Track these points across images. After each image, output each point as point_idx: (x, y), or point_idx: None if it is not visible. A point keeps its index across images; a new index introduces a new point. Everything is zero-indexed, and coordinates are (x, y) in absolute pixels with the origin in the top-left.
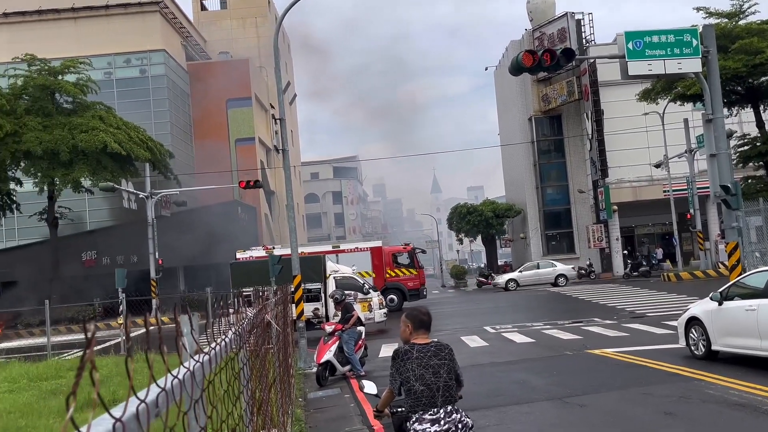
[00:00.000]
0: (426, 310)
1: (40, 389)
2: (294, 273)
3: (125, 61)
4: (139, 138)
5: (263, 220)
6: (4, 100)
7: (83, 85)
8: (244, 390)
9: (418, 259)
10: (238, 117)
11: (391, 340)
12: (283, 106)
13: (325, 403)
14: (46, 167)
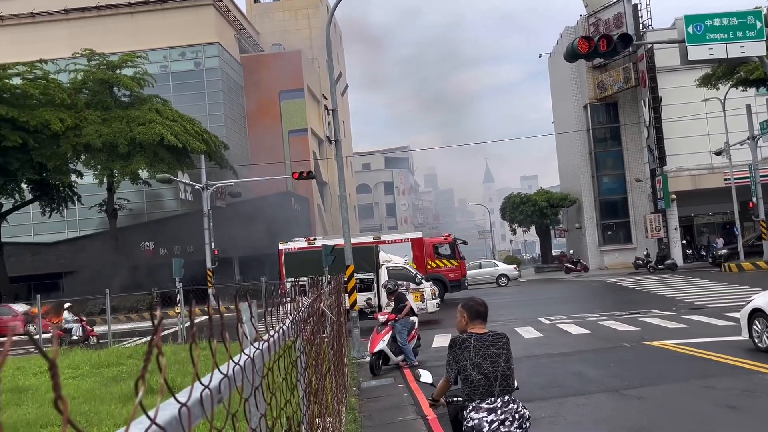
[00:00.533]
0: (481, 301)
1: (102, 376)
2: (347, 263)
3: (180, 55)
4: (194, 130)
5: (316, 211)
6: (65, 95)
7: (140, 78)
8: (301, 378)
9: (459, 250)
10: (290, 108)
11: (443, 330)
12: (336, 97)
13: (378, 393)
14: (105, 160)
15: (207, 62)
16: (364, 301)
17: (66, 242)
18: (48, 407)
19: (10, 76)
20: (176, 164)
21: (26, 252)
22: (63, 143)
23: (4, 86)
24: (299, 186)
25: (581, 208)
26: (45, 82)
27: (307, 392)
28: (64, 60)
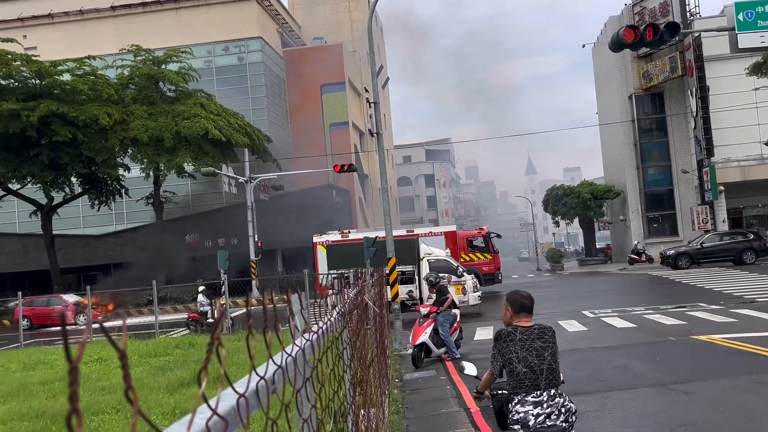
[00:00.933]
0: (527, 294)
1: (149, 365)
2: (388, 255)
3: (224, 49)
4: (238, 124)
5: (357, 204)
6: (112, 90)
7: (185, 73)
8: (347, 369)
9: (493, 243)
10: (332, 101)
11: (485, 323)
12: (377, 90)
13: (421, 385)
14: (151, 153)
15: (250, 57)
16: (405, 293)
17: (114, 234)
18: (99, 395)
19: (60, 72)
20: (220, 158)
21: (76, 244)
22: (111, 137)
23: (54, 82)
24: (341, 179)
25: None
26: (93, 78)
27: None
28: (111, 56)
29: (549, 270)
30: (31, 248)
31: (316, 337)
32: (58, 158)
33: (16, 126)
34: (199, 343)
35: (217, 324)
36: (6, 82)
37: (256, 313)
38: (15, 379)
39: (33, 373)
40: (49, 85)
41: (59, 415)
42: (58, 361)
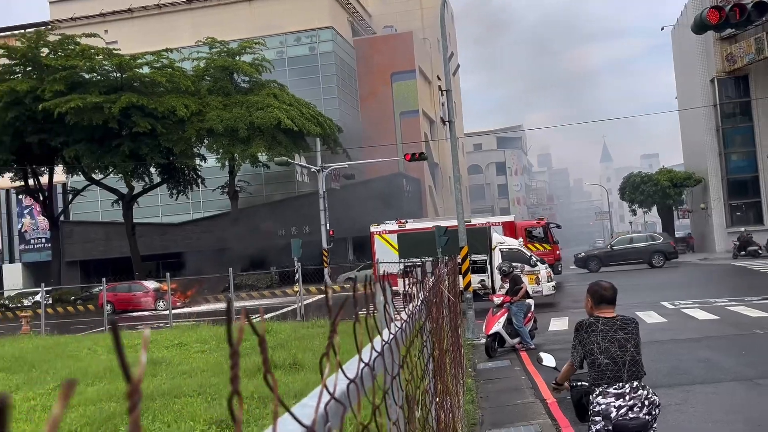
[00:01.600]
0: (608, 284)
1: (227, 351)
2: (461, 244)
3: (296, 40)
4: (309, 114)
5: (427, 192)
6: (189, 82)
7: (258, 64)
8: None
9: (552, 234)
10: (402, 90)
11: (560, 313)
12: (449, 77)
13: (495, 374)
14: (226, 144)
15: (321, 47)
16: (477, 282)
17: (191, 223)
18: (181, 379)
19: (139, 65)
20: (293, 147)
21: (155, 232)
22: (188, 128)
23: (134, 75)
24: (411, 167)
25: (707, 187)
26: (171, 70)
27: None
28: (187, 48)
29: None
30: (113, 236)
31: (405, 326)
32: (138, 149)
33: (99, 118)
34: (274, 329)
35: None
36: (89, 76)
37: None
38: (101, 362)
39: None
40: (130, 77)
41: (145, 395)
42: (141, 345)
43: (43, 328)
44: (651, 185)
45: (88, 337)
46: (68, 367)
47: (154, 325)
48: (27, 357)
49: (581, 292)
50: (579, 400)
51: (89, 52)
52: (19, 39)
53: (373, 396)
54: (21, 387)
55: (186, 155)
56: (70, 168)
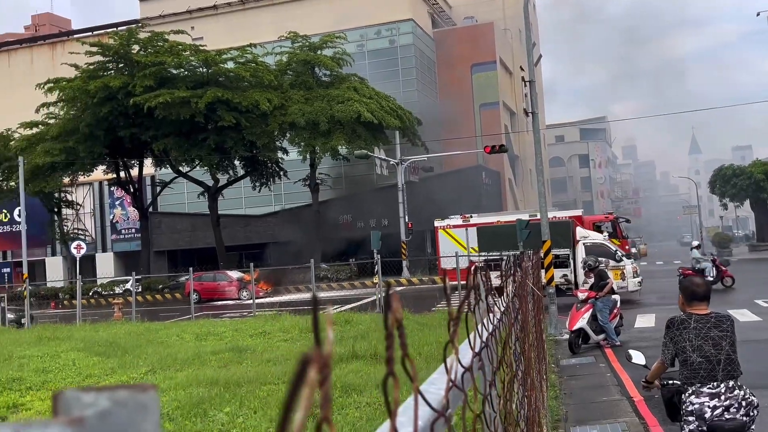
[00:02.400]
0: (700, 281)
1: (309, 340)
2: (543, 238)
3: (376, 33)
4: (389, 107)
5: (507, 185)
6: (272, 76)
7: (339, 58)
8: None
9: (621, 228)
10: (482, 81)
11: (646, 309)
12: (532, 68)
13: (578, 371)
14: (308, 137)
15: (401, 39)
16: (560, 277)
17: (273, 215)
18: (266, 366)
19: (224, 60)
20: (372, 140)
21: (238, 223)
22: (270, 122)
23: (219, 70)
24: (490, 160)
25: None
26: (254, 65)
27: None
28: (270, 43)
29: (715, 256)
30: (198, 227)
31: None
32: (223, 142)
33: (186, 112)
34: (354, 320)
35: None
36: (177, 72)
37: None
38: (190, 349)
39: (205, 343)
40: (215, 73)
41: (231, 382)
42: (226, 333)
43: (134, 314)
44: (744, 178)
45: (175, 324)
46: (158, 353)
47: (237, 314)
48: (120, 342)
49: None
50: (670, 399)
51: (177, 48)
52: (112, 37)
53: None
54: (116, 370)
55: (269, 148)
56: (158, 161)
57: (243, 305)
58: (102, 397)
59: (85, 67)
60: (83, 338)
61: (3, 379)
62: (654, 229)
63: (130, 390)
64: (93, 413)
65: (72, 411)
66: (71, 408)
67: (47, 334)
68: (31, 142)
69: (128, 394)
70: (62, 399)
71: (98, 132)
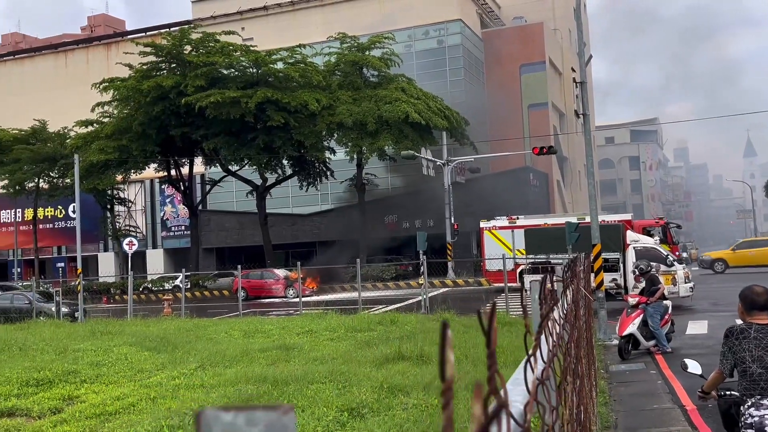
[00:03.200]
0: (762, 289)
1: (355, 339)
2: (593, 242)
3: (424, 34)
4: (437, 107)
5: (555, 187)
6: (320, 77)
7: (387, 59)
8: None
9: (672, 234)
10: (531, 82)
11: (698, 316)
12: (583, 69)
13: (628, 378)
14: (355, 137)
15: (449, 39)
16: (609, 281)
17: (319, 214)
18: (312, 365)
19: (274, 61)
20: (419, 141)
21: (285, 222)
22: (318, 122)
23: (269, 71)
24: (538, 161)
25: None
26: (303, 65)
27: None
28: (319, 44)
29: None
30: (246, 225)
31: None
32: (272, 142)
33: (236, 112)
34: (400, 321)
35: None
36: (228, 72)
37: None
38: (238, 346)
39: (253, 341)
40: (265, 73)
41: (280, 380)
42: (274, 331)
43: (183, 310)
44: None
45: (223, 321)
46: (208, 349)
47: (284, 312)
48: (170, 338)
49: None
50: (727, 410)
51: (228, 48)
52: (165, 37)
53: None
54: (166, 366)
55: (316, 148)
56: (208, 160)
57: (289, 303)
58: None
59: (139, 67)
60: (134, 333)
61: (59, 371)
62: (706, 233)
63: (268, 411)
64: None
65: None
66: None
67: (100, 329)
68: (86, 140)
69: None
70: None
71: (150, 131)
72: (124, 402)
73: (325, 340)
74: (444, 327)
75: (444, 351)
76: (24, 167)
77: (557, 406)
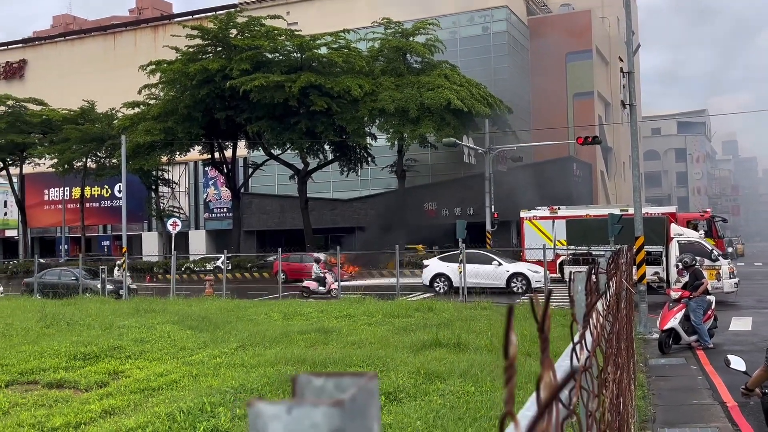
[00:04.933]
0: None
1: (393, 325)
2: (636, 234)
3: (468, 20)
4: (479, 94)
5: (598, 178)
6: (363, 62)
7: (431, 45)
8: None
9: (717, 227)
10: (576, 70)
11: (742, 312)
12: (631, 58)
13: (668, 372)
14: (396, 124)
15: (494, 26)
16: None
17: (359, 200)
18: (350, 348)
19: (318, 46)
20: (461, 128)
21: (326, 207)
22: (361, 108)
23: (313, 56)
24: (582, 151)
25: None
26: (347, 51)
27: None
28: (363, 29)
29: None
30: (287, 209)
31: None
32: (314, 127)
33: (280, 96)
34: (438, 308)
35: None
36: (272, 56)
37: None
38: (278, 327)
39: (292, 323)
40: (309, 58)
41: (318, 362)
42: (312, 314)
43: (224, 291)
44: None
45: (263, 302)
46: (248, 329)
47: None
48: (211, 317)
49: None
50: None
51: (273, 33)
52: (211, 21)
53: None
54: (208, 344)
55: (358, 134)
56: (251, 143)
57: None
58: (330, 381)
59: (185, 50)
60: (177, 312)
61: (105, 346)
62: (753, 228)
63: (355, 377)
64: (348, 398)
65: (305, 392)
66: (304, 390)
67: (144, 306)
68: (133, 121)
69: (354, 381)
70: (298, 381)
71: (196, 113)
72: (167, 378)
73: (363, 324)
74: (510, 311)
75: (508, 333)
76: (72, 147)
77: (598, 394)
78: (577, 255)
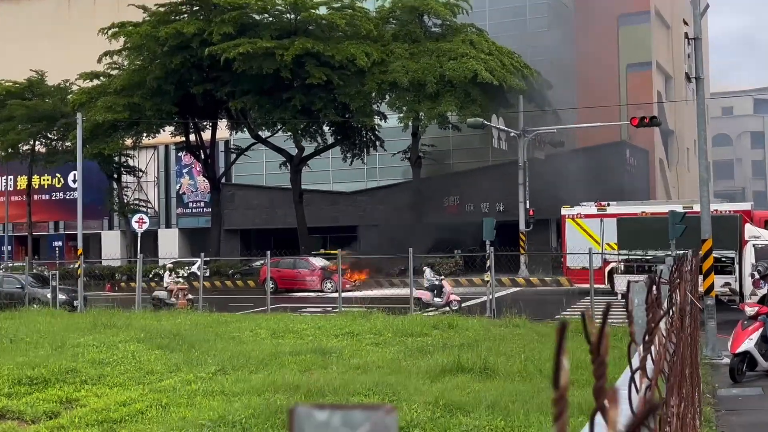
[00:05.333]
0: None
1: (405, 345)
2: (703, 237)
3: None
4: (513, 65)
5: (657, 167)
6: (371, 26)
7: (454, 5)
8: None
9: None
10: (631, 37)
11: None
12: (698, 21)
13: (741, 404)
14: (411, 100)
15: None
16: (722, 286)
17: (365, 192)
18: (353, 374)
19: (316, 5)
20: (490, 106)
21: (324, 201)
22: (368, 81)
23: (310, 17)
24: (637, 135)
25: None
26: (351, 11)
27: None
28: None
29: None
30: (277, 203)
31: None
32: (311, 103)
33: (269, 66)
34: (460, 325)
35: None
36: (260, 17)
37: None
38: (265, 347)
39: (283, 342)
40: (305, 19)
41: (315, 390)
42: (307, 331)
43: (201, 303)
44: None
45: (249, 316)
46: (229, 349)
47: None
48: (185, 335)
49: None
50: None
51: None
52: None
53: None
54: (181, 367)
55: (364, 112)
56: (235, 123)
57: (326, 298)
58: (336, 416)
59: (155, 10)
60: (143, 327)
61: (56, 369)
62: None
63: (368, 411)
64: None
65: (304, 429)
66: (304, 425)
67: (103, 321)
68: (91, 96)
69: (367, 415)
70: (296, 415)
71: (167, 87)
72: (130, 408)
73: (369, 344)
74: (562, 329)
75: (559, 357)
76: (18, 126)
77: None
78: (630, 262)
